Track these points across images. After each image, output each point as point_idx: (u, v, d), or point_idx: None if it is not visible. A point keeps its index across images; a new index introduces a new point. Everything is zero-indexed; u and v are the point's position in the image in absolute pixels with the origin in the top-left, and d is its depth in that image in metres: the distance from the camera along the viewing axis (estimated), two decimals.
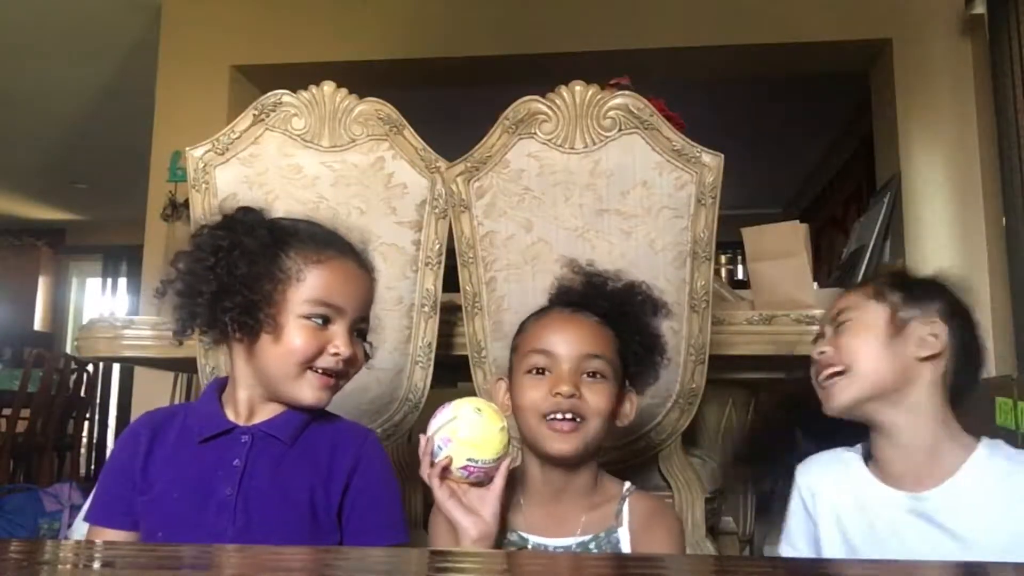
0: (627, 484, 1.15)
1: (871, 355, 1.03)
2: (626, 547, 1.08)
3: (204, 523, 0.98)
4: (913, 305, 1.04)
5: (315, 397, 1.03)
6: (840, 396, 1.04)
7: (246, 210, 1.07)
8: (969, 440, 1.02)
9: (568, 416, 1.06)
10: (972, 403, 1.07)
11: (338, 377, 1.04)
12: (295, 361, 1.01)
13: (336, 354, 1.02)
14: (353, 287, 1.05)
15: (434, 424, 1.05)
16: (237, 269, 1.00)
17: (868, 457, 1.07)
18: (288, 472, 1.01)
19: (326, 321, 1.03)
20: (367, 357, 1.12)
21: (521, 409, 1.11)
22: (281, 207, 1.47)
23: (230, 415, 1.05)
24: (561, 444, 1.07)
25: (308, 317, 1.02)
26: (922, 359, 1.02)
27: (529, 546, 1.08)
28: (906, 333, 1.03)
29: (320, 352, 1.02)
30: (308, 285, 1.02)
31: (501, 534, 1.08)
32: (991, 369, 1.24)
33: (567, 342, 1.09)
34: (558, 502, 1.11)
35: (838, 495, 1.05)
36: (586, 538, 1.08)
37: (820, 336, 1.12)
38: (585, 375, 1.08)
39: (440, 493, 1.04)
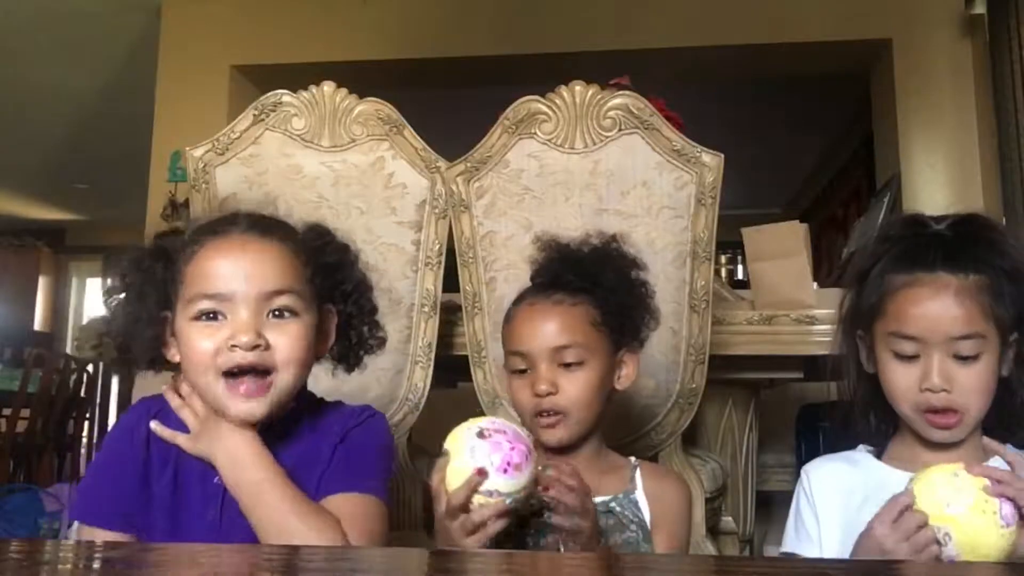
0: (631, 457, 1.18)
1: (987, 396, 0.96)
2: (645, 509, 1.11)
3: (195, 540, 0.93)
4: (1019, 323, 0.96)
5: (242, 412, 0.90)
6: (953, 436, 0.97)
7: (158, 235, 1.03)
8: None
9: (549, 413, 1.08)
10: None
11: (262, 374, 0.91)
12: (201, 369, 0.91)
13: (234, 346, 0.89)
14: (235, 264, 0.91)
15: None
16: (130, 307, 0.96)
17: (878, 454, 1.05)
18: None
19: (215, 315, 0.90)
20: (367, 339, 1.03)
21: (515, 407, 1.15)
22: (281, 207, 1.47)
23: None
24: (549, 437, 1.09)
25: (197, 318, 0.91)
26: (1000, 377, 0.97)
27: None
28: (1002, 354, 0.97)
29: (221, 351, 0.90)
30: (188, 283, 0.93)
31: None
32: None
33: (537, 337, 1.09)
34: None
35: (849, 495, 1.03)
36: (606, 498, 1.10)
37: (912, 338, 0.96)
38: (563, 365, 1.09)
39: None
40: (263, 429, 0.95)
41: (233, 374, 0.91)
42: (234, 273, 0.91)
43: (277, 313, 0.92)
